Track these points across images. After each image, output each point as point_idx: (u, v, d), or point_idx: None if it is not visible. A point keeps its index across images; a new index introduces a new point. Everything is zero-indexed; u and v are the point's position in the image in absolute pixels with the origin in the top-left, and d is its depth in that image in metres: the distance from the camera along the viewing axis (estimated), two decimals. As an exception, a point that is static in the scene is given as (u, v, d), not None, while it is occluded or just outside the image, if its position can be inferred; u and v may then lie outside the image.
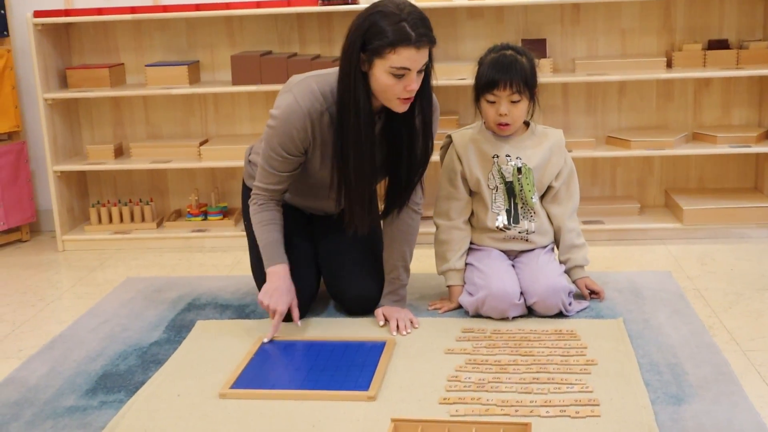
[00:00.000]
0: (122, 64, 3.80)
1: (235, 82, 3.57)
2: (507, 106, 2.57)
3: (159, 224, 3.76)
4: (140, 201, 3.78)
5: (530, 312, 2.64)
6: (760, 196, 3.55)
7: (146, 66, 3.65)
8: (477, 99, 2.64)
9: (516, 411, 2.04)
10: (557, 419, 2.00)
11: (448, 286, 2.74)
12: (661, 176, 3.74)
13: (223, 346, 2.50)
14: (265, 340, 2.46)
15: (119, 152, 3.79)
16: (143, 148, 3.72)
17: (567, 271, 2.74)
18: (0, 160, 3.66)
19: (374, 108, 2.39)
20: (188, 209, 3.77)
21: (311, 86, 2.39)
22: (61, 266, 3.48)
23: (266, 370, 2.31)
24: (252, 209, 2.55)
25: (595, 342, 2.42)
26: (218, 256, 3.51)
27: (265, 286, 2.49)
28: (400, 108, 2.35)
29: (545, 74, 3.45)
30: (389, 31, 2.24)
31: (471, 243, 2.74)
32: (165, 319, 2.76)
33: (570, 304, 2.64)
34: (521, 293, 2.61)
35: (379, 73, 2.28)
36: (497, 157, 2.66)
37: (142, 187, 3.90)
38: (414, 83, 2.30)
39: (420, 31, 2.25)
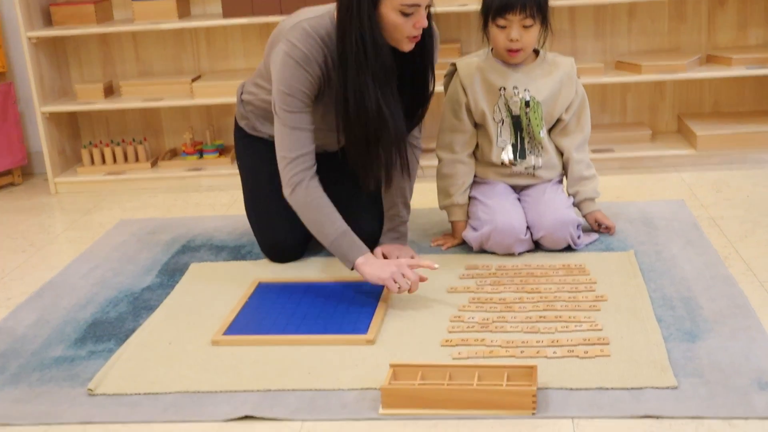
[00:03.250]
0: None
1: (225, 15, 3.42)
2: (519, 31, 2.43)
3: (154, 164, 3.65)
4: (133, 140, 3.67)
5: (537, 246, 2.53)
6: (776, 120, 3.42)
7: (133, 0, 3.50)
8: (485, 24, 2.49)
9: (521, 352, 1.94)
10: (565, 360, 1.91)
11: (451, 222, 2.64)
12: (673, 101, 3.60)
13: (217, 289, 2.41)
14: (436, 266, 2.20)
15: (109, 91, 3.67)
16: (134, 86, 3.59)
17: (577, 204, 2.63)
18: (-14, 102, 3.55)
19: None
20: (183, 148, 3.66)
21: (305, 29, 2.22)
22: (54, 210, 3.39)
23: (261, 314, 2.22)
24: (295, 196, 2.28)
25: (604, 277, 2.32)
26: (215, 195, 3.41)
27: (369, 271, 2.19)
28: (408, 47, 2.21)
29: None
30: None
31: (475, 176, 2.63)
32: (158, 263, 2.67)
33: (579, 237, 2.53)
34: (528, 227, 2.51)
35: (387, 11, 2.14)
36: (504, 89, 2.52)
37: (135, 126, 3.79)
38: (424, 20, 2.17)
39: None
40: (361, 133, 2.25)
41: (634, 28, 3.52)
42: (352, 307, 2.21)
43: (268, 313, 2.22)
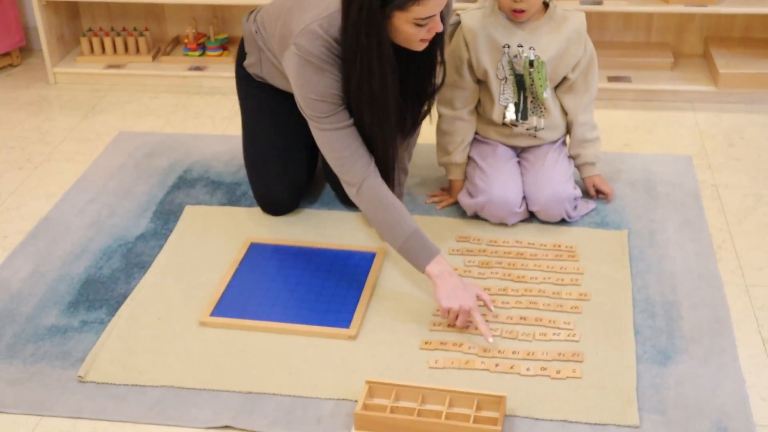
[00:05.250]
0: None
1: None
2: None
3: (155, 56, 3.66)
4: (135, 30, 3.66)
5: (532, 215, 2.61)
6: (808, 55, 3.37)
7: None
8: (490, -21, 2.46)
9: (496, 366, 2.08)
10: (536, 379, 2.04)
11: (449, 180, 2.70)
12: (702, 22, 3.53)
13: (209, 247, 2.52)
14: (490, 339, 2.10)
15: (109, -25, 3.62)
16: (135, -26, 3.55)
17: (577, 167, 2.68)
18: (-19, -16, 3.53)
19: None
20: (185, 41, 3.65)
21: (315, 31, 2.16)
22: (52, 107, 3.45)
23: (249, 289, 2.34)
24: (361, 195, 2.25)
25: (592, 266, 2.41)
26: (217, 101, 3.45)
27: (441, 291, 2.15)
28: (421, 47, 2.19)
29: None
30: None
31: (476, 134, 2.67)
32: (153, 200, 2.77)
33: (575, 208, 2.60)
34: (524, 197, 2.57)
35: (401, 24, 2.10)
36: (508, 47, 2.51)
37: (137, 11, 3.77)
38: (439, 24, 2.13)
39: None
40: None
41: (668, -58, 3.40)
42: (338, 289, 2.33)
43: (256, 289, 2.34)
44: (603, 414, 1.94)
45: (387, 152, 2.32)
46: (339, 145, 2.26)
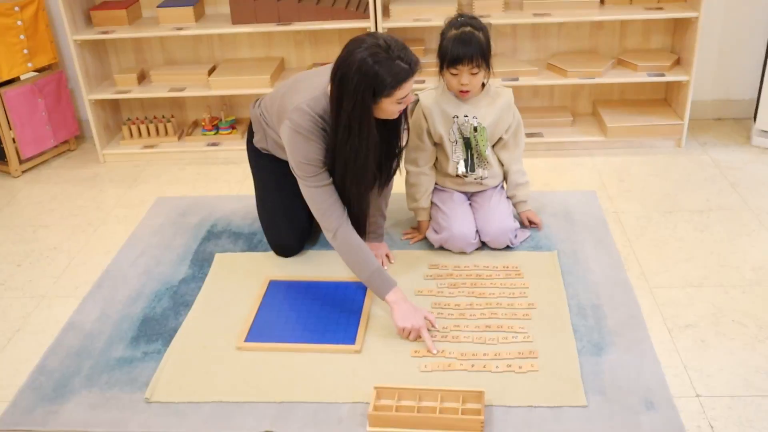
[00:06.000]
0: (137, 0, 3.41)
1: (234, 22, 3.22)
2: (468, 77, 2.33)
3: (180, 137, 3.53)
4: (163, 117, 3.53)
5: (483, 244, 2.53)
6: (668, 110, 3.35)
7: (158, 7, 3.28)
8: (441, 68, 2.39)
9: (472, 366, 1.98)
10: (504, 374, 1.95)
11: (417, 221, 2.62)
12: (590, 89, 3.51)
13: (238, 286, 2.40)
14: (434, 351, 2.03)
15: (142, 77, 3.49)
16: (161, 75, 3.42)
17: (514, 205, 2.61)
18: (45, 89, 3.37)
19: None
20: (203, 124, 3.53)
21: (304, 109, 2.10)
22: (104, 181, 3.29)
23: (273, 318, 2.22)
24: (336, 240, 2.15)
25: (534, 280, 2.34)
26: (230, 169, 3.32)
27: (396, 314, 2.09)
28: (396, 115, 2.12)
29: (497, 14, 3.13)
30: (392, 74, 1.96)
31: (435, 184, 2.59)
32: (189, 251, 2.63)
33: (516, 236, 2.53)
34: (476, 231, 2.50)
35: (386, 105, 2.04)
36: (457, 117, 2.45)
37: (164, 103, 3.63)
38: (411, 96, 2.08)
39: (411, 59, 2.00)
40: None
41: (562, 32, 3.38)
42: (342, 313, 2.22)
43: (278, 318, 2.22)
44: (559, 398, 1.86)
45: (361, 206, 2.27)
46: (320, 198, 2.17)
